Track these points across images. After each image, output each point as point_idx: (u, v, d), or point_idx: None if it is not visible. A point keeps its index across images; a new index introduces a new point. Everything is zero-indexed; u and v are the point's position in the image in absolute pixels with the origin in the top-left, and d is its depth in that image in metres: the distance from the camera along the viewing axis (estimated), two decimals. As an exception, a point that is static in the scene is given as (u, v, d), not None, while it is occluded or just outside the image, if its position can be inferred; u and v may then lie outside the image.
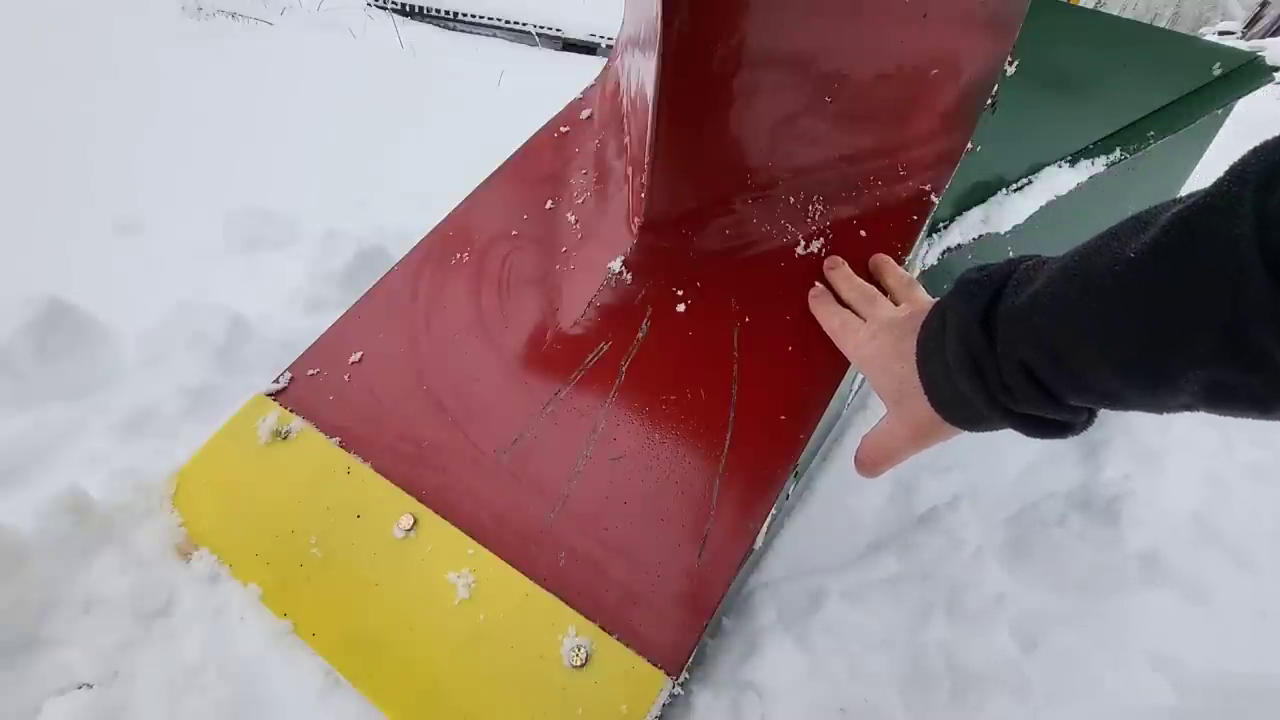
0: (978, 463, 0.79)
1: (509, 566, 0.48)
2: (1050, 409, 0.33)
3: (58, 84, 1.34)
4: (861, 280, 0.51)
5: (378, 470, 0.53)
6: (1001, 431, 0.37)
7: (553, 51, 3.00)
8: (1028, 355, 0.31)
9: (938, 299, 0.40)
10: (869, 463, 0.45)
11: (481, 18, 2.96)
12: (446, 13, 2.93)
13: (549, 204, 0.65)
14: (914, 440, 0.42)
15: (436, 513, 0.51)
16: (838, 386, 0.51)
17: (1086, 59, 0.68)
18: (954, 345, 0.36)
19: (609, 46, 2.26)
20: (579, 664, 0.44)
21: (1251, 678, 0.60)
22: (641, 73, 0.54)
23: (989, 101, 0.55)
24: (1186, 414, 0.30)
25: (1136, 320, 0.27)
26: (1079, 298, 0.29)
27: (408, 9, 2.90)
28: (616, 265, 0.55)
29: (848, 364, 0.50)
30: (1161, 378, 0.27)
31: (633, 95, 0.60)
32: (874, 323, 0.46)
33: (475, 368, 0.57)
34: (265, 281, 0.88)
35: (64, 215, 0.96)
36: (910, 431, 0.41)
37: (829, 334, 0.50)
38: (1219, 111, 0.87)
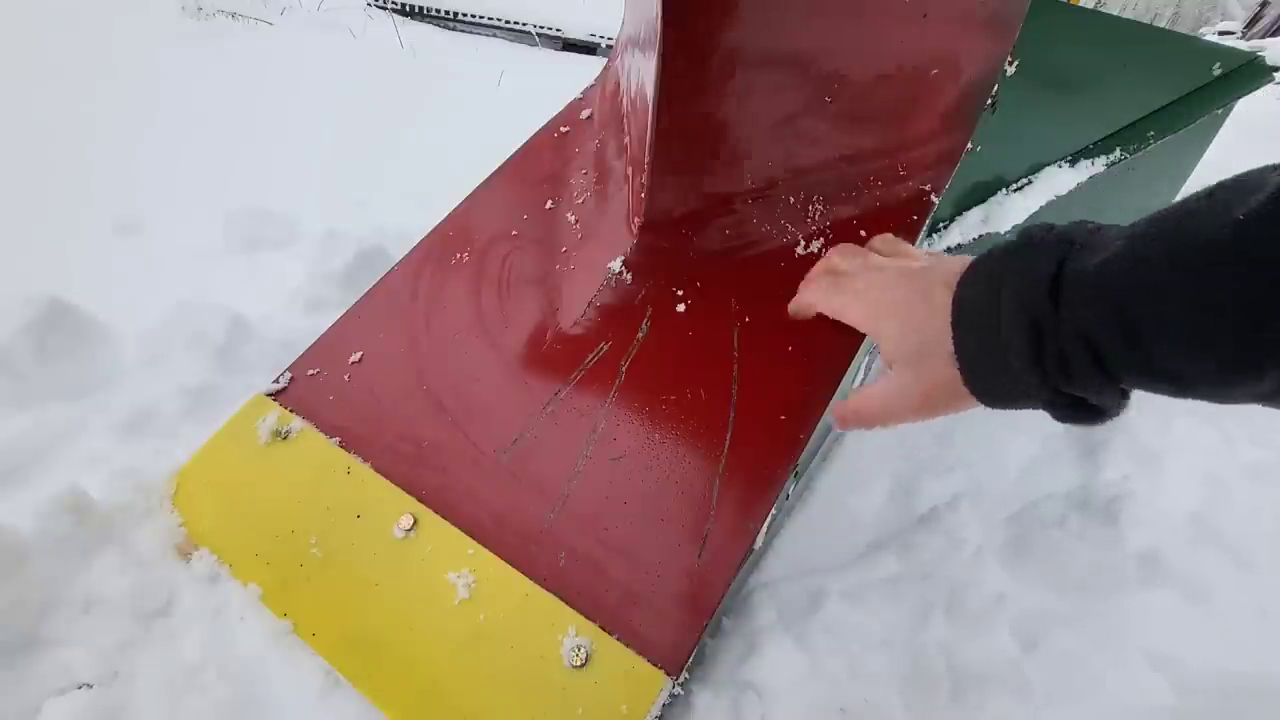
0: (978, 462, 0.79)
1: (509, 566, 0.48)
2: (1103, 392, 0.29)
3: (58, 84, 1.34)
4: None
5: (378, 470, 0.53)
6: (1001, 431, 0.36)
7: (553, 51, 3.00)
8: (1094, 330, 0.28)
9: (976, 256, 0.35)
10: (861, 415, 0.40)
11: (481, 18, 2.96)
12: (446, 13, 2.94)
13: (549, 204, 0.65)
14: (923, 405, 0.37)
15: (436, 513, 0.51)
16: (838, 386, 0.51)
17: (1086, 59, 0.68)
18: (1011, 311, 0.31)
19: (609, 46, 2.26)
20: (579, 664, 0.44)
21: (1251, 677, 0.60)
22: (641, 73, 0.54)
23: (989, 101, 0.55)
24: (1184, 416, 0.29)
25: (1242, 290, 0.24)
26: (1167, 268, 0.25)
27: (408, 9, 2.90)
28: (616, 265, 0.55)
29: (848, 364, 0.50)
30: (1256, 358, 0.24)
31: (633, 95, 0.60)
32: (881, 272, 0.41)
33: (475, 368, 0.57)
34: (265, 281, 0.89)
35: (64, 215, 0.96)
36: (922, 395, 0.37)
37: (822, 300, 0.44)
38: (1219, 111, 0.87)
